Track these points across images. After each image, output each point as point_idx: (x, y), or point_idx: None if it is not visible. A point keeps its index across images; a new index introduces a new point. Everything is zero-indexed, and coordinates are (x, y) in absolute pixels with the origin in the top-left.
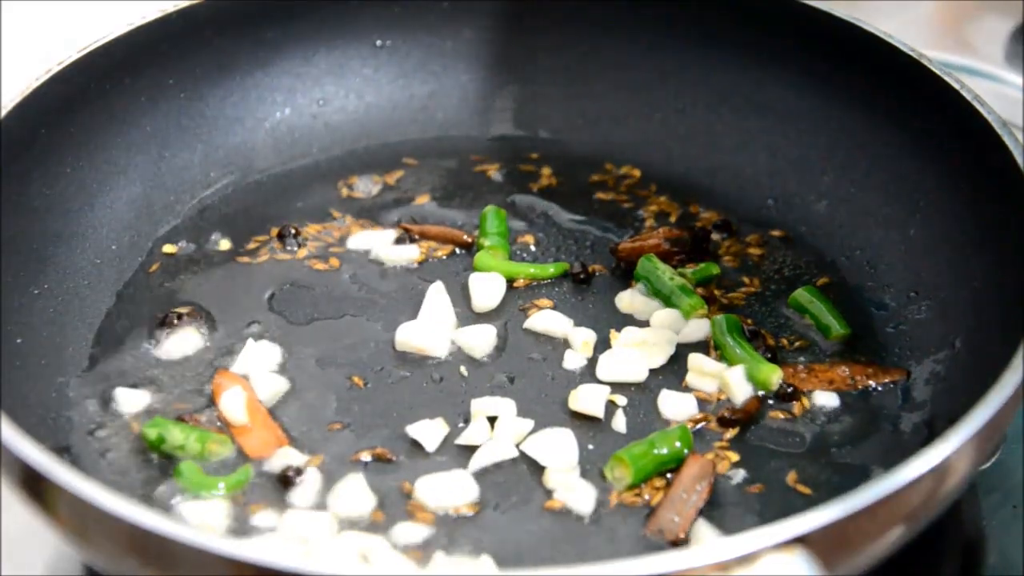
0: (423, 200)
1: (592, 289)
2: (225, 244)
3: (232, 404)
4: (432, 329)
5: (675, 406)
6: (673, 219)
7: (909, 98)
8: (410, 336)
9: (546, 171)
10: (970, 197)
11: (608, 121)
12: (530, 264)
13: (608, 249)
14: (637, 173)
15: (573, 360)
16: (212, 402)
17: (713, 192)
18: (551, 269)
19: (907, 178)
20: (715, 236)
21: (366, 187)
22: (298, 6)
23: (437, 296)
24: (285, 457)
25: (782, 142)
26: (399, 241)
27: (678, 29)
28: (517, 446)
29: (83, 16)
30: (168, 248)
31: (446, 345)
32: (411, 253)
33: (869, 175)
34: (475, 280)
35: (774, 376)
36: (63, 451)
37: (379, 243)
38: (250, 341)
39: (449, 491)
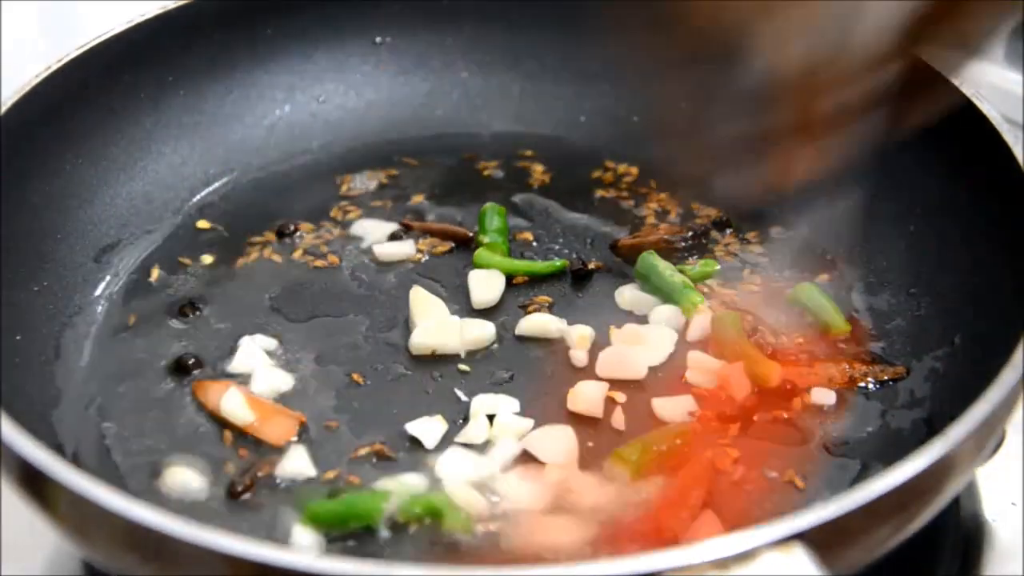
0: (422, 197)
1: (592, 286)
2: (224, 241)
3: (233, 405)
4: (444, 328)
5: (674, 403)
6: (673, 216)
7: (909, 95)
8: (425, 339)
9: (545, 168)
10: (970, 194)
11: (608, 118)
12: (530, 261)
13: (608, 246)
14: (636, 170)
15: (572, 357)
16: (200, 407)
17: (713, 189)
18: (551, 266)
19: (907, 175)
20: (715, 233)
21: (365, 184)
22: (297, 3)
23: (424, 298)
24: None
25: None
26: (399, 238)
27: (677, 26)
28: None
29: (83, 14)
30: (167, 246)
31: (460, 341)
32: (410, 250)
33: (868, 172)
34: (475, 277)
35: (773, 373)
36: (62, 448)
37: (378, 240)
38: (249, 339)
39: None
